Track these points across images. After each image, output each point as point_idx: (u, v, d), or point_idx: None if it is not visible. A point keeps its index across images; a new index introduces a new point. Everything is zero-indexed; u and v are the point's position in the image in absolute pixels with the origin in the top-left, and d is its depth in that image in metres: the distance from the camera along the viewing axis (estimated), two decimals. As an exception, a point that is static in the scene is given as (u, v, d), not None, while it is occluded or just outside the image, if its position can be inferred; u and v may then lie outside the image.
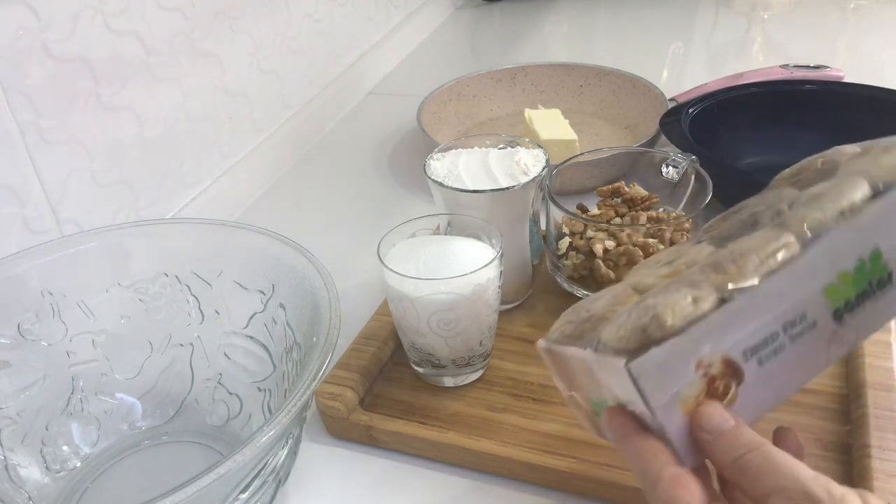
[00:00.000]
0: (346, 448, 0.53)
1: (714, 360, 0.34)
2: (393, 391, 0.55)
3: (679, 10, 1.26)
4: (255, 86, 0.83)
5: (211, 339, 0.53)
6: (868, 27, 1.15)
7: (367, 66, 1.07)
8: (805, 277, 0.35)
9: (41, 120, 0.57)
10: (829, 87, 0.81)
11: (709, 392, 0.34)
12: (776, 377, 0.35)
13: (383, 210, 0.80)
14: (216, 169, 0.78)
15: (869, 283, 0.36)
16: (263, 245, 0.51)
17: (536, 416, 0.52)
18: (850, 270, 0.35)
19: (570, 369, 0.39)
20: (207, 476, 0.35)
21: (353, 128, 0.98)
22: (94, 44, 0.61)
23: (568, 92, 0.97)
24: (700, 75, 1.01)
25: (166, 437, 0.53)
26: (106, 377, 0.52)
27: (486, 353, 0.55)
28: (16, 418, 0.48)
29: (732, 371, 0.34)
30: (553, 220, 0.60)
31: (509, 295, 0.60)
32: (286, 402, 0.39)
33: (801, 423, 0.50)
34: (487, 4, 1.36)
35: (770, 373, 0.35)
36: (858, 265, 0.35)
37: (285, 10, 0.87)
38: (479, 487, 0.49)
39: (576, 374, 0.39)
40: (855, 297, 0.36)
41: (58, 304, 0.50)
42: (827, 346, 0.36)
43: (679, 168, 0.62)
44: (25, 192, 0.57)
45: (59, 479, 0.49)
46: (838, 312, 0.35)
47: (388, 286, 0.51)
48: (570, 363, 0.39)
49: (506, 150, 0.59)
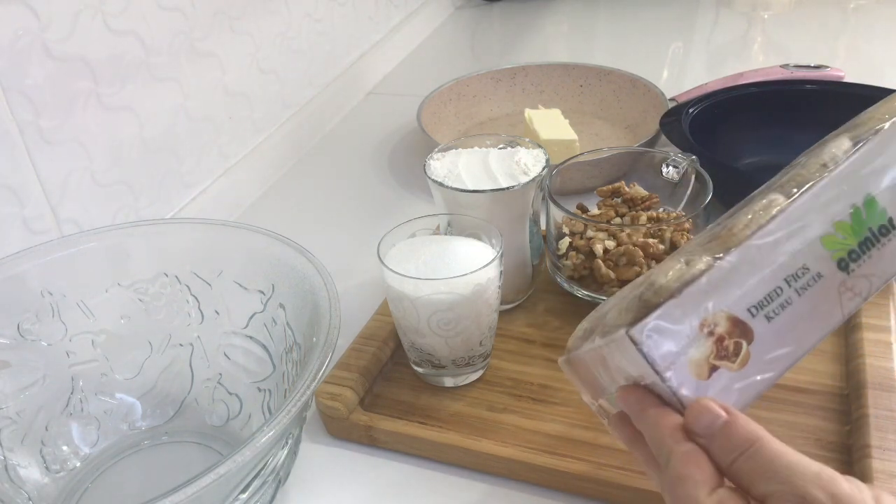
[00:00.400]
0: (346, 448, 0.53)
1: (718, 319, 0.34)
2: (393, 391, 0.55)
3: (679, 10, 1.26)
4: (255, 86, 0.83)
5: (211, 339, 0.53)
6: (868, 27, 1.15)
7: (367, 66, 1.07)
8: (796, 228, 0.35)
9: (41, 120, 0.57)
10: (829, 87, 0.81)
11: (718, 353, 0.34)
12: (789, 332, 0.35)
13: (383, 210, 0.80)
14: (216, 169, 0.78)
15: (870, 229, 0.36)
16: (263, 245, 0.51)
17: (536, 416, 0.52)
18: (847, 219, 0.36)
19: (590, 372, 0.39)
20: (207, 476, 0.35)
21: (353, 128, 0.98)
22: (94, 44, 0.61)
23: (568, 92, 0.97)
24: (700, 75, 1.01)
25: (166, 437, 0.53)
26: (106, 377, 0.52)
27: (486, 353, 0.55)
28: (16, 418, 0.48)
29: (740, 330, 0.34)
30: (553, 220, 0.60)
31: (509, 295, 0.60)
32: (286, 403, 0.39)
33: (801, 423, 0.50)
34: (487, 4, 1.36)
35: (781, 328, 0.35)
36: (854, 213, 0.36)
37: (285, 10, 0.87)
38: (479, 487, 0.49)
39: (595, 374, 0.39)
40: (858, 245, 0.36)
41: (58, 304, 0.50)
42: (839, 296, 0.36)
43: (679, 168, 0.62)
44: (25, 192, 0.57)
45: (59, 480, 0.49)
46: (843, 262, 0.35)
47: (388, 286, 0.51)
48: (588, 364, 0.39)
49: (506, 150, 0.59)
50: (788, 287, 0.35)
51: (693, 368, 0.34)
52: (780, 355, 0.35)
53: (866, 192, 0.36)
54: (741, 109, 0.80)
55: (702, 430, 0.32)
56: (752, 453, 0.31)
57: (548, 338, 0.59)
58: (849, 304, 0.36)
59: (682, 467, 0.32)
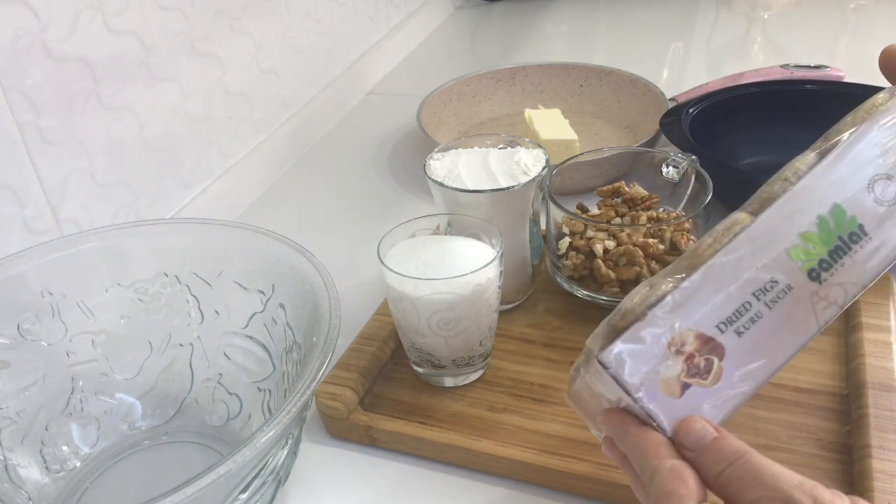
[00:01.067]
0: (346, 448, 0.53)
1: (686, 338, 0.34)
2: (393, 391, 0.55)
3: (679, 10, 1.26)
4: (255, 86, 0.83)
5: (211, 339, 0.53)
6: (868, 27, 1.15)
7: (367, 66, 1.07)
8: (761, 244, 0.35)
9: (41, 120, 0.57)
10: (829, 87, 0.81)
11: (689, 371, 0.34)
12: (762, 345, 0.35)
13: (383, 210, 0.80)
14: (216, 169, 0.78)
15: (839, 238, 0.36)
16: (263, 245, 0.51)
17: (536, 416, 0.52)
18: (813, 230, 0.36)
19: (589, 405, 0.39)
20: (207, 476, 0.35)
21: (353, 128, 0.98)
22: (94, 44, 0.61)
23: (568, 92, 0.97)
24: (700, 75, 1.01)
25: (166, 437, 0.53)
26: (106, 377, 0.52)
27: (486, 353, 0.55)
28: (16, 418, 0.48)
29: (710, 346, 0.34)
30: (553, 220, 0.60)
31: (509, 295, 0.60)
32: (286, 402, 0.39)
33: (801, 423, 0.50)
34: (487, 4, 1.36)
35: (754, 342, 0.35)
36: (820, 222, 0.36)
37: (285, 10, 0.87)
38: (479, 487, 0.49)
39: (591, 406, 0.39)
40: (828, 254, 0.36)
41: (58, 304, 0.50)
42: (812, 306, 0.36)
43: (679, 168, 0.62)
44: (25, 192, 0.57)
45: (59, 480, 0.49)
46: (814, 272, 0.35)
47: (388, 286, 0.51)
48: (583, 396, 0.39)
49: (506, 150, 0.59)
50: (757, 301, 0.35)
51: (664, 387, 0.34)
52: (754, 368, 0.35)
53: (832, 201, 0.36)
54: (741, 109, 0.80)
55: (692, 444, 0.33)
56: (741, 464, 0.32)
57: (548, 338, 0.59)
58: (824, 314, 0.36)
59: (668, 483, 0.32)
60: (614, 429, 0.36)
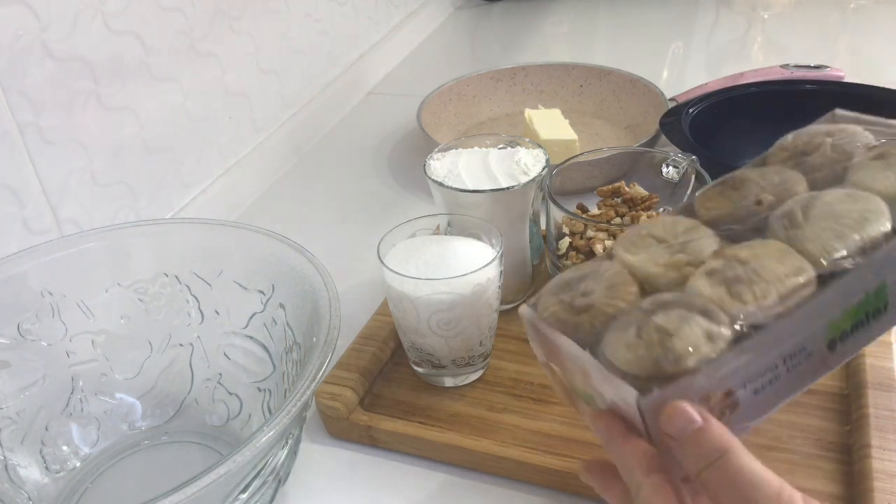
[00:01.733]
0: (346, 448, 0.53)
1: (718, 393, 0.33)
2: (393, 391, 0.55)
3: (679, 10, 1.26)
4: (255, 86, 0.83)
5: (211, 339, 0.53)
6: (868, 27, 1.15)
7: (367, 66, 1.07)
8: (816, 316, 0.34)
9: (41, 120, 0.57)
10: (829, 87, 0.81)
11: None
12: (765, 402, 0.35)
13: (383, 210, 0.80)
14: (216, 169, 0.78)
15: (866, 314, 0.35)
16: (263, 245, 0.51)
17: (536, 416, 0.52)
18: (854, 305, 0.35)
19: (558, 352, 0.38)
20: (207, 476, 0.35)
21: (353, 128, 0.98)
22: (94, 44, 0.61)
23: (568, 92, 0.97)
24: (700, 75, 1.01)
25: (166, 438, 0.53)
26: (106, 377, 0.52)
27: (486, 353, 0.55)
28: (16, 418, 0.48)
29: (730, 401, 0.34)
30: (553, 220, 0.60)
31: (509, 295, 0.60)
32: (286, 403, 0.39)
33: (801, 423, 0.50)
34: (487, 4, 1.36)
35: (764, 399, 0.35)
36: (863, 299, 0.35)
37: (285, 10, 0.87)
38: (479, 487, 0.49)
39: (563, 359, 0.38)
40: (851, 327, 0.35)
41: (58, 304, 0.50)
42: (815, 372, 0.36)
43: (679, 168, 0.62)
44: (25, 192, 0.57)
45: (59, 480, 0.49)
46: (833, 343, 0.35)
47: (388, 286, 0.51)
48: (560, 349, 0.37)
49: (506, 150, 0.59)
50: (783, 364, 0.34)
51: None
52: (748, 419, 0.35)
53: (882, 279, 0.35)
54: (741, 109, 0.80)
55: (674, 433, 0.32)
56: (720, 464, 0.31)
57: (548, 338, 0.59)
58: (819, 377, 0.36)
59: (652, 497, 0.32)
60: (601, 433, 0.36)
